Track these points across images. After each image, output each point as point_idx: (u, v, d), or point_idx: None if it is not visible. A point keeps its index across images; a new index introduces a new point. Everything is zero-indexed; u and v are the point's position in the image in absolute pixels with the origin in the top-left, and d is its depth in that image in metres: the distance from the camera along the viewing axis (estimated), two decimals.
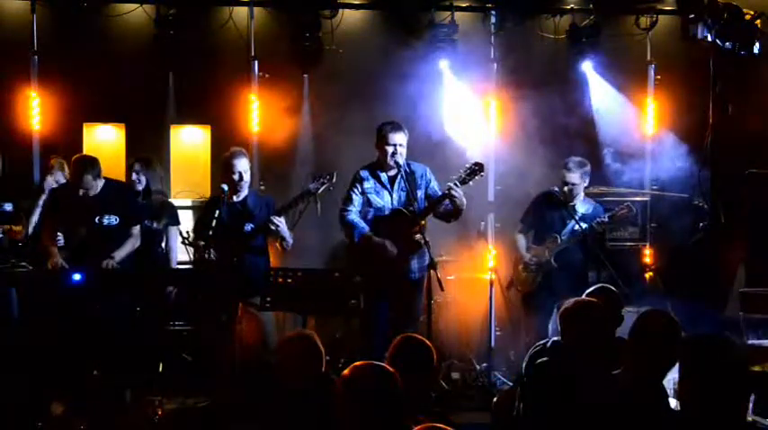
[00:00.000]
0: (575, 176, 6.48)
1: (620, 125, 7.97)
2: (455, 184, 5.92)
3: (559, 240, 6.49)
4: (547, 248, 6.52)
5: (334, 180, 5.96)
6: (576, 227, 6.39)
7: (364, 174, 6.21)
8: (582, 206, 6.58)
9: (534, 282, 6.57)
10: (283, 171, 7.79)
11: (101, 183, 6.21)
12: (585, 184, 6.60)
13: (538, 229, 6.67)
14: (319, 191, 5.96)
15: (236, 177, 6.11)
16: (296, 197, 6.04)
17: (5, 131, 7.12)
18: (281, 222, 5.98)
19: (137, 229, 6.34)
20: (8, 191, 6.78)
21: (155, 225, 6.80)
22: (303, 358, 3.96)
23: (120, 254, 6.19)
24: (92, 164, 6.15)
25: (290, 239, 6.08)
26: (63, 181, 6.71)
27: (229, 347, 6.24)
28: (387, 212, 6.14)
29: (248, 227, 6.09)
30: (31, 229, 6.53)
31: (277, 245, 6.14)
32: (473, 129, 7.87)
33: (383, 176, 6.20)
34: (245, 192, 6.22)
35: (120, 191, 6.39)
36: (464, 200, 5.99)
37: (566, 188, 6.48)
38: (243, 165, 6.14)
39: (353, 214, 6.15)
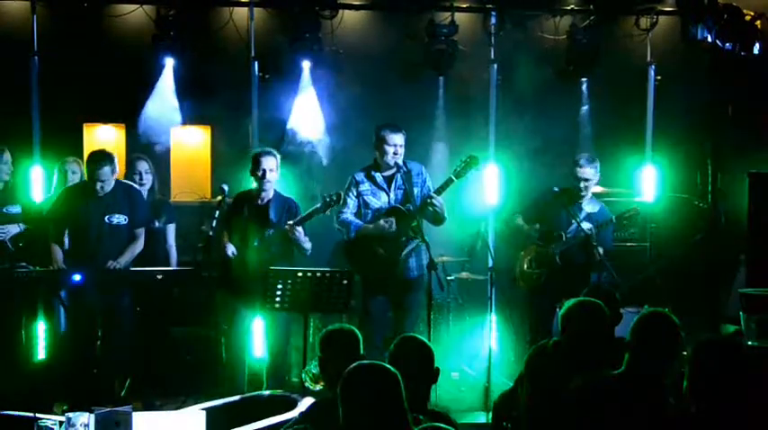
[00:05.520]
0: (588, 172, 6.45)
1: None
2: (437, 192, 6.03)
3: (564, 238, 6.47)
4: (552, 246, 6.51)
5: (341, 202, 6.06)
6: (582, 226, 6.38)
7: (359, 177, 6.26)
8: (589, 205, 6.56)
9: (539, 278, 6.56)
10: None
11: (114, 178, 6.24)
12: (596, 181, 6.58)
13: (541, 225, 6.66)
14: (327, 211, 6.05)
15: (259, 173, 6.14)
16: (308, 213, 6.09)
17: (5, 132, 7.11)
18: (299, 232, 6.05)
19: (141, 233, 6.36)
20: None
21: (156, 224, 6.80)
22: (347, 347, 3.98)
23: (125, 259, 6.22)
24: (110, 157, 6.21)
25: (306, 245, 6.14)
26: (78, 178, 6.71)
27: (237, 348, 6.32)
28: (384, 212, 6.19)
29: (269, 232, 6.13)
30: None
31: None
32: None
33: (378, 177, 6.24)
34: (270, 194, 6.24)
35: (129, 192, 6.40)
36: (444, 209, 6.08)
37: (581, 184, 6.45)
38: (269, 163, 6.16)
39: (348, 214, 6.19)
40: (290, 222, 6.06)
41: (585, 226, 6.39)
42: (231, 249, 6.15)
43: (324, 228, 6.46)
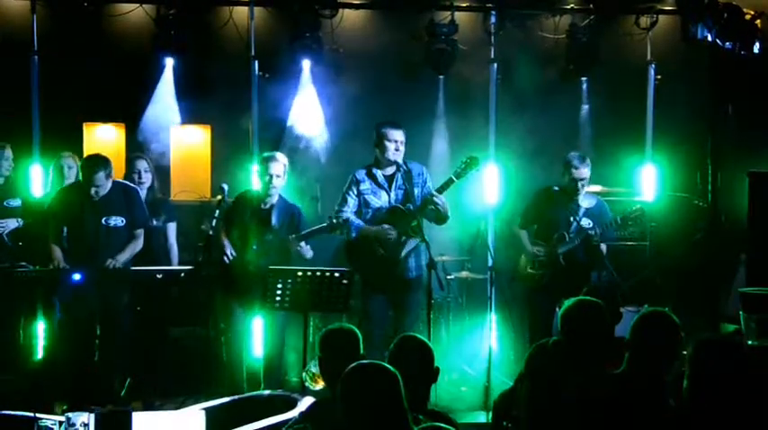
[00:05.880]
0: (585, 171, 6.45)
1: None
2: (438, 192, 6.03)
3: (567, 238, 6.47)
4: (554, 246, 6.50)
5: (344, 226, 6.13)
6: (583, 223, 6.38)
7: (360, 175, 6.26)
8: (585, 201, 6.56)
9: (542, 279, 6.55)
10: None
11: (110, 183, 6.21)
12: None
13: (541, 226, 6.66)
14: (331, 233, 6.12)
15: (266, 178, 6.14)
16: (312, 230, 6.14)
17: (5, 132, 7.11)
18: (302, 247, 6.09)
19: (141, 232, 6.35)
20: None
21: (154, 222, 6.79)
22: (346, 347, 3.97)
23: (124, 257, 6.21)
24: (105, 162, 6.17)
25: (308, 255, 6.17)
26: (74, 172, 6.70)
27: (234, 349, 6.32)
28: (384, 212, 6.19)
29: (269, 237, 6.12)
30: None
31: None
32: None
33: (380, 177, 6.24)
34: (274, 199, 6.23)
35: (127, 192, 6.37)
36: (447, 208, 6.07)
37: (579, 185, 6.46)
38: (277, 169, 6.16)
39: (348, 214, 6.19)
40: (293, 236, 6.08)
41: (585, 223, 6.40)
42: (229, 249, 6.15)
43: None
